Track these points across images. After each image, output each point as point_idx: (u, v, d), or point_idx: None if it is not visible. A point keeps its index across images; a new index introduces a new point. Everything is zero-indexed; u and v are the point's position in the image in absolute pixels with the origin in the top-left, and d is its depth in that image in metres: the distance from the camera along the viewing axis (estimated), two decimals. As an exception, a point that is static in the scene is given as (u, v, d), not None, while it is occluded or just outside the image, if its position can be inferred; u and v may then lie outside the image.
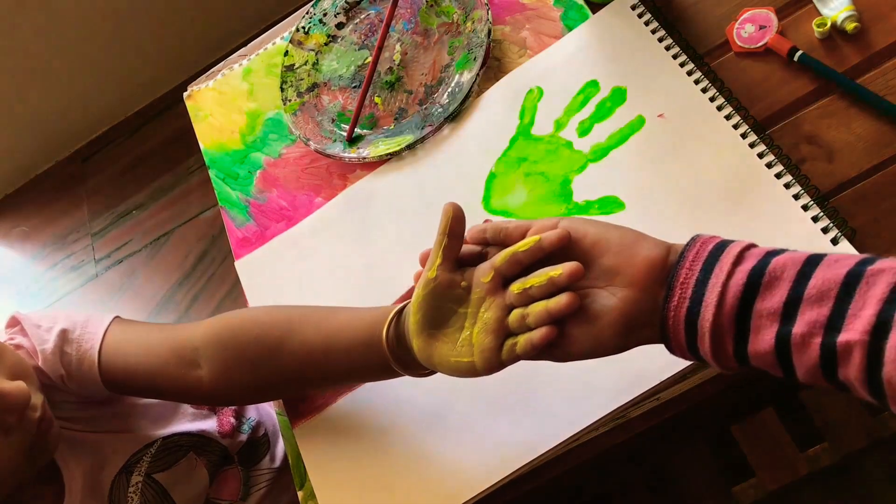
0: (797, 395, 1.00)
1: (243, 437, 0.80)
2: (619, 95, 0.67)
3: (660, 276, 0.44)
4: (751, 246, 0.42)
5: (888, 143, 0.57)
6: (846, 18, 0.60)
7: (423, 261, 0.51)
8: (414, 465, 0.61)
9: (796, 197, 0.57)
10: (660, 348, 0.56)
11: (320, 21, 0.86)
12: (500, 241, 0.50)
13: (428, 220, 0.71)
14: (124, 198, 1.88)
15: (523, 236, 0.48)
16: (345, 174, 0.77)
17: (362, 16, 0.85)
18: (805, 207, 0.56)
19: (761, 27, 0.64)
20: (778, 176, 0.58)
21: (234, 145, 0.85)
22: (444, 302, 0.49)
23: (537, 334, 0.45)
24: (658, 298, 0.44)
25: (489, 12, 0.75)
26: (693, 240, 0.44)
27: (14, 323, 0.66)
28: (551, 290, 0.46)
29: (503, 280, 0.48)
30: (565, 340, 0.46)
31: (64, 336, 0.64)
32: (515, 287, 0.47)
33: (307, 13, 0.86)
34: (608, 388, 0.57)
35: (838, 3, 0.61)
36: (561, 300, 0.45)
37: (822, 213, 0.56)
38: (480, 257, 0.51)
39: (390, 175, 0.75)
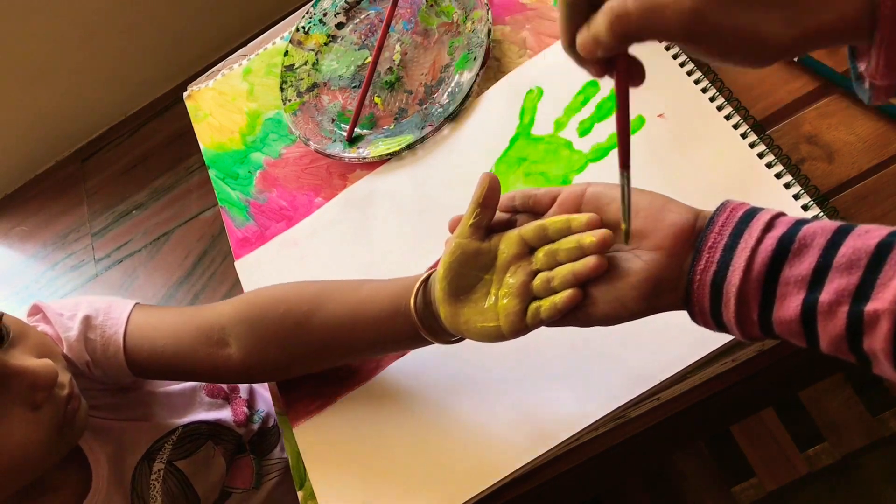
0: (797, 395, 1.00)
1: (255, 426, 0.81)
2: (619, 95, 0.67)
3: (687, 241, 0.44)
4: (781, 214, 0.42)
5: (888, 143, 0.57)
6: None
7: (453, 228, 0.51)
8: (414, 465, 0.61)
9: (796, 197, 0.57)
10: (658, 350, 0.56)
11: (320, 21, 0.86)
12: (530, 207, 0.50)
13: (428, 220, 0.71)
14: (124, 198, 1.88)
15: (552, 202, 0.49)
16: (345, 174, 0.77)
17: (362, 16, 0.85)
18: (805, 207, 0.56)
19: None
20: (778, 176, 0.58)
21: (233, 145, 0.85)
22: (470, 269, 0.50)
23: (561, 297, 0.46)
24: (684, 263, 0.43)
25: (489, 12, 0.75)
26: (723, 205, 0.44)
27: (36, 311, 0.67)
28: (579, 254, 0.46)
29: (528, 248, 0.49)
30: (589, 303, 0.46)
31: (87, 322, 0.65)
32: (542, 252, 0.48)
33: (307, 13, 0.86)
34: (608, 388, 0.57)
35: None
36: (588, 262, 0.45)
37: (822, 214, 0.56)
38: (509, 224, 0.51)
39: (390, 175, 0.75)
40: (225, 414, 0.77)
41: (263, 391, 0.86)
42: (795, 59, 0.61)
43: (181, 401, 0.74)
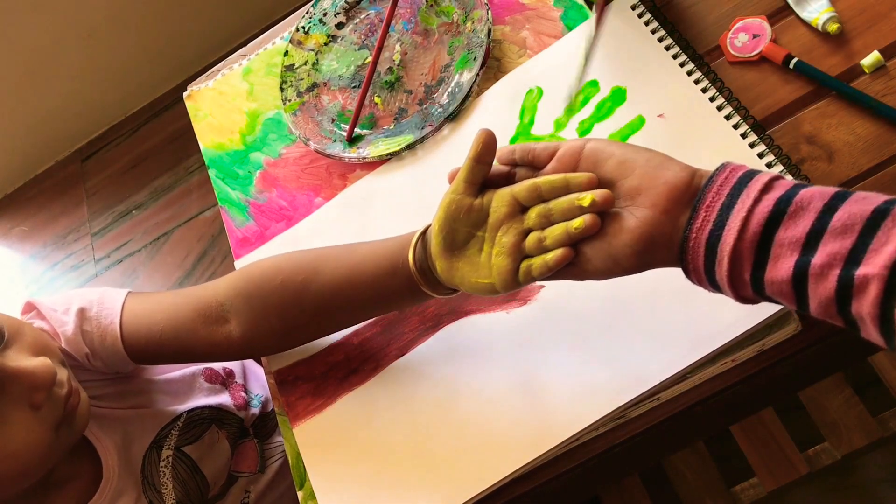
0: (797, 395, 1.00)
1: (255, 410, 0.82)
2: (619, 95, 0.67)
3: (683, 199, 0.44)
4: (779, 177, 0.42)
5: (888, 143, 0.57)
6: (827, 20, 0.61)
7: (452, 179, 0.52)
8: (414, 465, 0.61)
9: (796, 197, 0.57)
10: (658, 350, 0.56)
11: (320, 21, 0.86)
12: (529, 161, 0.51)
13: (427, 220, 0.71)
14: (124, 198, 1.88)
15: (551, 157, 0.49)
16: (345, 174, 0.77)
17: (362, 16, 0.85)
18: (805, 207, 0.56)
19: (755, 36, 0.64)
20: (778, 176, 0.58)
21: (233, 145, 0.85)
22: (463, 225, 0.51)
23: (553, 255, 0.47)
24: (678, 221, 0.44)
25: (489, 12, 0.75)
26: (723, 166, 0.44)
27: (30, 308, 0.67)
28: (575, 213, 0.46)
29: (520, 206, 0.49)
30: (581, 259, 0.47)
31: (82, 315, 0.65)
32: (535, 212, 0.48)
33: (307, 13, 0.86)
34: (608, 388, 0.57)
35: (816, 6, 0.61)
36: (585, 220, 0.46)
37: (822, 213, 0.56)
38: (508, 177, 0.51)
39: (390, 175, 0.75)
40: (224, 399, 0.78)
41: (259, 372, 0.87)
42: (791, 67, 0.61)
43: (181, 387, 0.75)
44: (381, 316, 0.67)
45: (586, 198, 0.46)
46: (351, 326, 0.67)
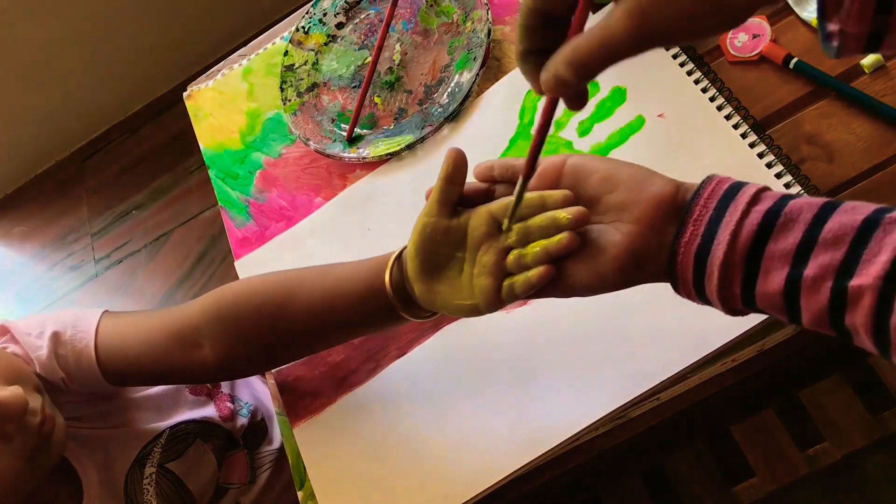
0: (797, 395, 1.00)
1: (244, 420, 0.81)
2: (619, 95, 0.67)
3: (668, 213, 0.43)
4: (766, 188, 0.42)
5: (888, 143, 0.57)
6: None
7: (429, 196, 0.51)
8: (414, 465, 0.61)
9: (796, 197, 0.57)
10: (658, 350, 0.56)
11: (320, 21, 0.86)
12: (508, 178, 0.50)
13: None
14: (124, 198, 1.88)
15: None
16: (345, 174, 0.77)
17: (362, 16, 0.85)
18: (805, 207, 0.56)
19: (755, 36, 0.64)
20: (778, 176, 0.58)
21: (233, 145, 0.85)
22: (441, 247, 0.49)
23: (536, 273, 0.46)
24: (665, 235, 0.43)
25: (489, 12, 0.75)
26: (709, 178, 0.43)
27: (3, 332, 0.66)
28: (553, 231, 0.45)
29: (499, 224, 0.48)
30: (566, 275, 0.46)
31: (56, 339, 0.64)
32: (515, 230, 0.47)
33: (307, 13, 0.86)
34: (608, 388, 0.57)
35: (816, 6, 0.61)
36: (561, 241, 0.45)
37: (822, 213, 0.56)
38: (487, 194, 0.50)
39: (390, 175, 0.75)
40: (210, 411, 0.77)
41: (249, 379, 0.87)
42: (791, 67, 0.61)
43: (166, 402, 0.74)
44: (360, 337, 0.66)
45: (562, 213, 0.45)
46: (330, 348, 0.66)
